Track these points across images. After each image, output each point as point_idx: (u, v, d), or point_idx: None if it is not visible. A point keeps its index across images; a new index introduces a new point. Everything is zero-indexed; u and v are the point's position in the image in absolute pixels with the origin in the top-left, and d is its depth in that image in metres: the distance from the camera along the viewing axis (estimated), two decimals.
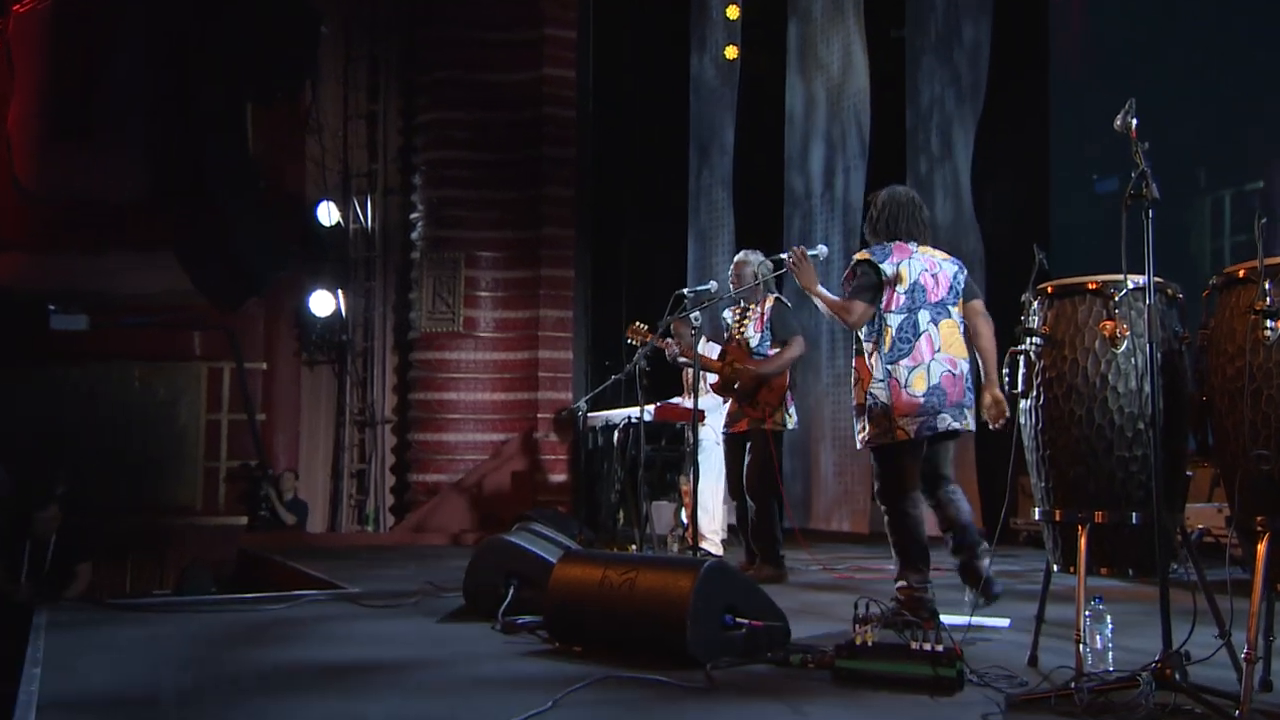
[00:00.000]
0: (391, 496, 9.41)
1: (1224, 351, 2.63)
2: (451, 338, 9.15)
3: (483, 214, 9.21)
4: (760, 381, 4.97)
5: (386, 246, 9.61)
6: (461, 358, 9.17)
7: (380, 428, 9.43)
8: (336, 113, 9.58)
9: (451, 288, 9.12)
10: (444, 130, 9.28)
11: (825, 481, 8.82)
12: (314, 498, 9.19)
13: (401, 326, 9.48)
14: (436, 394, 9.13)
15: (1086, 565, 2.74)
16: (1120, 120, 2.67)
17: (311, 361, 9.46)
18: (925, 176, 8.48)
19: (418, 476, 9.15)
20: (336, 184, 9.51)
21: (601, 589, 3.10)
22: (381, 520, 9.32)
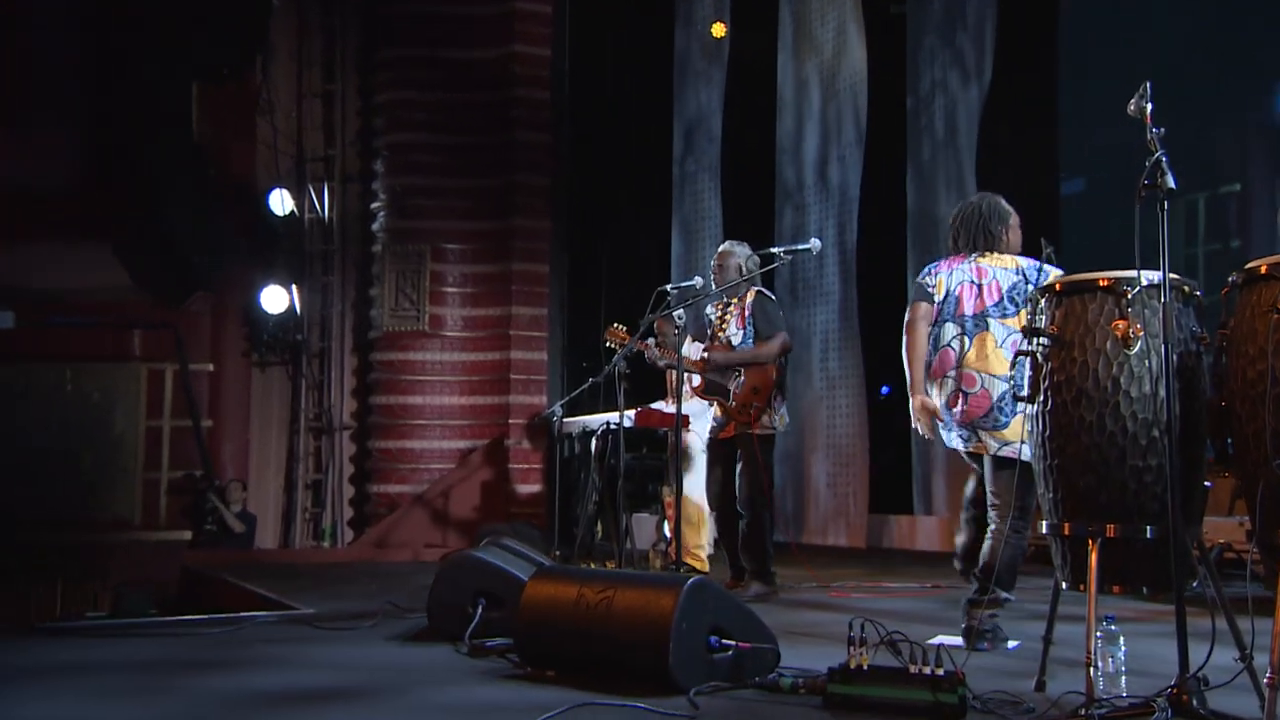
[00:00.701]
0: (350, 509, 9.37)
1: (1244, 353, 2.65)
2: (416, 337, 9.11)
3: (450, 203, 9.18)
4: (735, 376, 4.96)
5: (345, 238, 9.57)
6: (427, 359, 9.14)
7: (338, 435, 9.39)
8: (289, 92, 9.53)
9: (416, 283, 9.09)
10: (407, 112, 9.24)
11: (818, 493, 8.85)
12: (265, 511, 9.13)
13: (361, 325, 9.44)
14: (399, 398, 9.09)
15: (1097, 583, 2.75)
16: (1134, 104, 2.68)
17: (263, 363, 9.40)
18: (926, 164, 8.52)
19: (379, 488, 9.11)
20: (290, 170, 9.46)
21: (577, 609, 3.09)
22: (339, 535, 9.28)
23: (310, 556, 8.34)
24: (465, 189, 9.22)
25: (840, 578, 5.92)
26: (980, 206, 3.82)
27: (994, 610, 3.54)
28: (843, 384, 8.69)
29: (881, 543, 8.53)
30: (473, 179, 9.21)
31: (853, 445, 8.54)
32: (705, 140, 9.38)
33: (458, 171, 9.18)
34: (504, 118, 9.23)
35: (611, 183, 9.70)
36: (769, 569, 4.92)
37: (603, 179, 9.69)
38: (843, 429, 8.67)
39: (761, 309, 5.03)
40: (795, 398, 8.62)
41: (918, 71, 8.61)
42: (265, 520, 9.13)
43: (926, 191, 8.53)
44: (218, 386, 8.72)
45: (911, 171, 8.65)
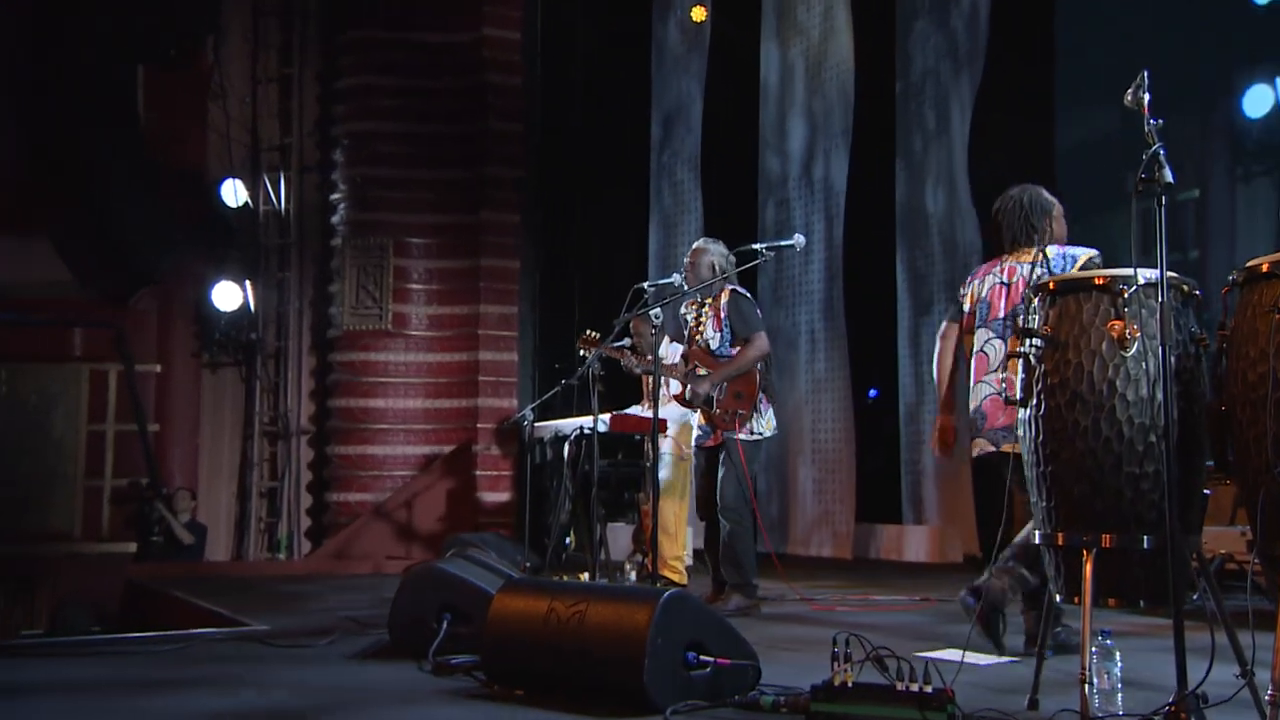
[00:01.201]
0: (307, 519, 9.32)
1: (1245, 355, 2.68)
2: (378, 337, 9.08)
3: (415, 195, 9.15)
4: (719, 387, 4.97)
5: (302, 231, 9.52)
6: (389, 360, 9.11)
7: (295, 440, 9.34)
8: (243, 76, 9.47)
9: (378, 279, 9.05)
10: (369, 98, 9.20)
11: (804, 500, 8.88)
12: (216, 521, 9.08)
13: (320, 324, 9.39)
14: (360, 401, 9.05)
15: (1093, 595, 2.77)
16: (1131, 95, 2.70)
17: (214, 364, 9.34)
18: (917, 157, 8.57)
19: (338, 496, 9.07)
20: (244, 159, 9.40)
21: (547, 623, 3.08)
22: (295, 546, 9.23)
23: (264, 569, 8.31)
24: (431, 180, 9.19)
25: (825, 590, 5.93)
26: (1021, 199, 3.85)
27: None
28: (828, 387, 8.72)
29: (868, 553, 8.57)
30: (439, 169, 9.19)
31: (839, 451, 8.57)
32: (684, 130, 9.39)
33: (423, 161, 9.15)
34: (472, 105, 9.21)
35: (586, 175, 9.70)
36: (751, 581, 4.93)
37: (577, 170, 9.69)
38: (828, 434, 8.70)
39: (737, 309, 5.03)
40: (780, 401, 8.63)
41: (908, 58, 8.65)
42: (216, 531, 9.07)
43: (916, 185, 8.57)
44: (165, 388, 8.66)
45: (901, 164, 8.69)
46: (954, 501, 8.04)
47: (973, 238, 8.05)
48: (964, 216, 8.12)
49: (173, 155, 8.95)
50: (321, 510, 9.20)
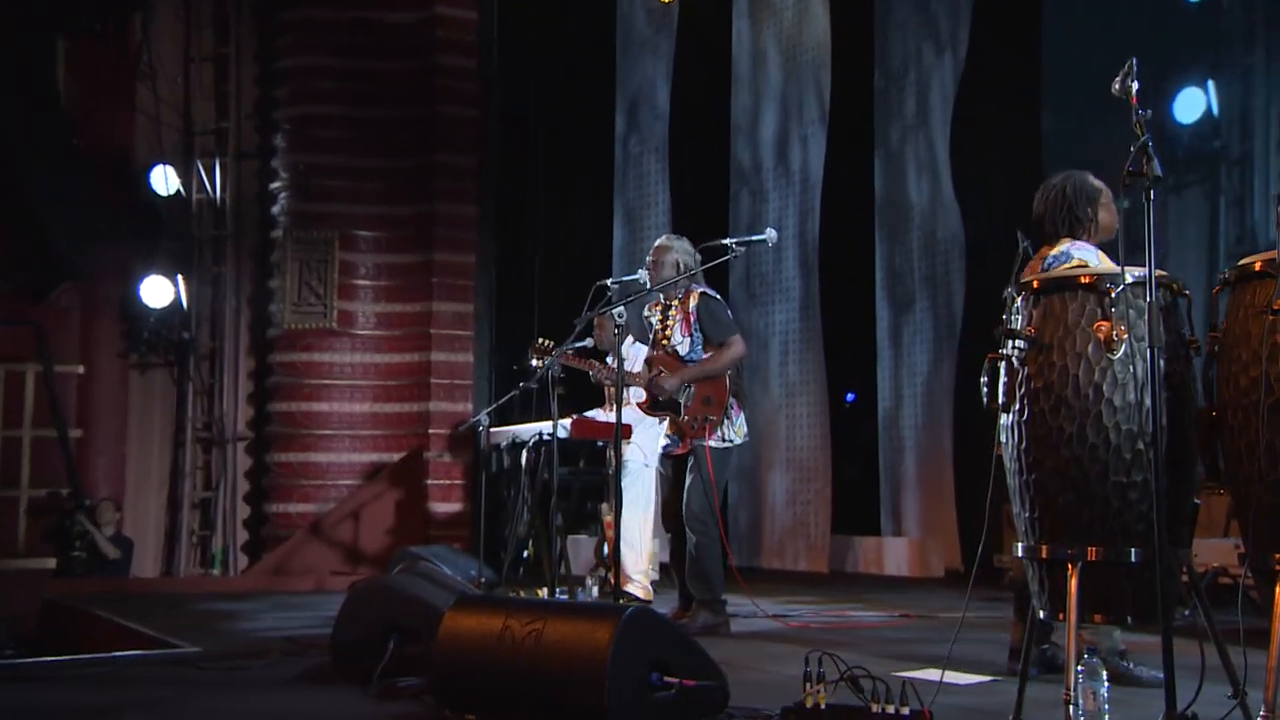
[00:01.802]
0: (244, 532, 9.24)
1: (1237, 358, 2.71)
2: (322, 336, 9.02)
3: (362, 184, 9.10)
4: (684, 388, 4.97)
5: (240, 223, 9.44)
6: (334, 361, 9.05)
7: (231, 447, 9.26)
8: (175, 54, 9.37)
9: (322, 275, 8.99)
10: (313, 80, 9.14)
11: (776, 511, 8.91)
12: (144, 534, 8.99)
13: (259, 322, 9.32)
14: (303, 405, 8.99)
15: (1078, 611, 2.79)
16: (1119, 83, 2.73)
17: (143, 364, 9.25)
18: (896, 147, 8.63)
19: (278, 507, 9.00)
20: (175, 144, 9.31)
21: (501, 643, 3.07)
22: (231, 561, 9.15)
23: (197, 586, 8.24)
24: (379, 169, 9.14)
25: (799, 605, 5.95)
26: (1064, 188, 3.76)
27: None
28: (803, 391, 8.76)
29: (845, 567, 8.61)
30: (388, 157, 9.14)
31: (814, 458, 8.62)
32: (651, 117, 9.40)
33: (371, 149, 9.10)
34: (424, 88, 9.17)
35: (546, 164, 9.68)
36: (719, 597, 4.94)
37: (536, 159, 9.67)
38: (803, 441, 8.74)
39: (708, 311, 5.03)
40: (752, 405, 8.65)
41: (887, 43, 8.71)
42: (144, 545, 8.98)
43: (896, 176, 8.63)
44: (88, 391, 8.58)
45: (880, 154, 8.74)
46: (935, 512, 8.10)
47: (955, 232, 8.12)
48: (946, 209, 8.19)
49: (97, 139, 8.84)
50: (259, 522, 9.13)
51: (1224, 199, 7.61)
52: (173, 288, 9.12)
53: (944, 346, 8.17)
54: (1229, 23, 7.62)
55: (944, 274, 8.23)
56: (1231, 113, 7.58)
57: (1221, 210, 7.61)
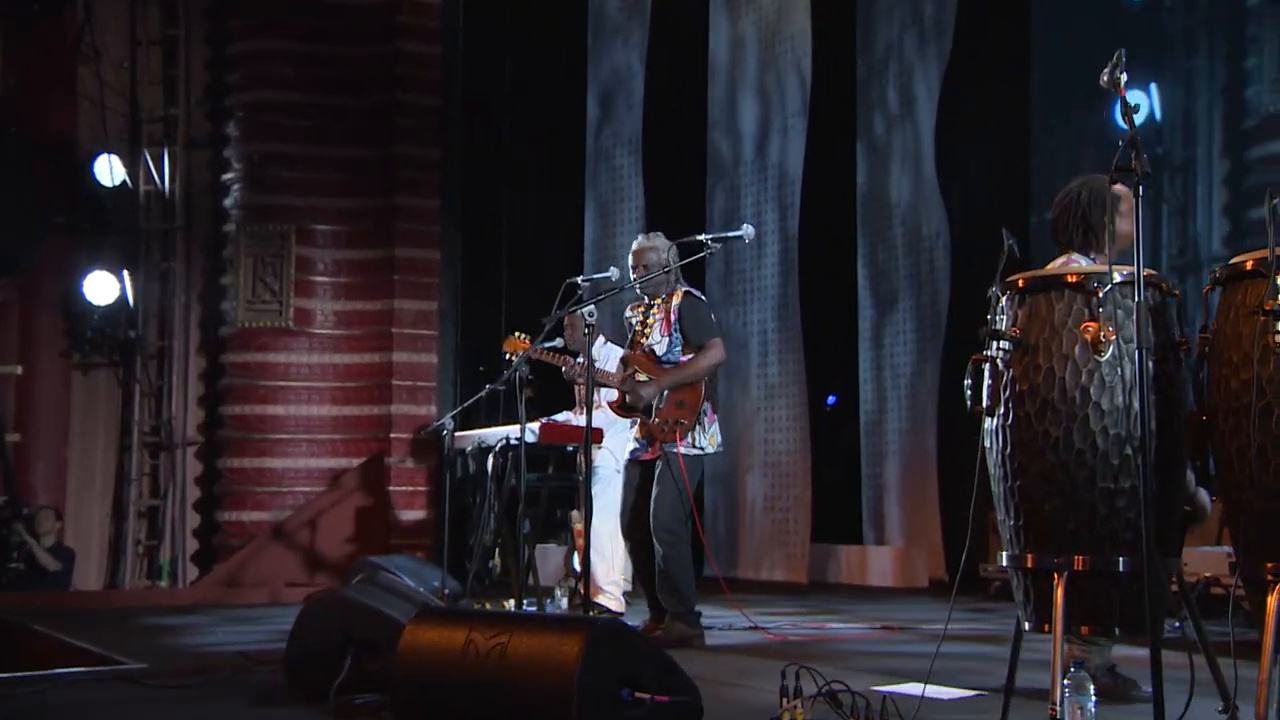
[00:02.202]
0: (194, 541, 9.18)
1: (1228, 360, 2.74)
2: (277, 335, 8.97)
3: (320, 176, 9.06)
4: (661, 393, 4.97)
5: (190, 215, 9.38)
6: (291, 361, 9.01)
7: (180, 452, 9.20)
8: (120, 37, 9.30)
9: (278, 270, 8.94)
10: (268, 65, 9.08)
11: (753, 519, 8.93)
12: (87, 544, 8.92)
13: (210, 320, 9.26)
14: (257, 408, 8.94)
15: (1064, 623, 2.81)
16: (1107, 75, 2.76)
17: (86, 364, 9.17)
18: (880, 140, 8.68)
19: (230, 515, 8.94)
20: (121, 131, 9.24)
21: (465, 657, 3.06)
22: (180, 572, 9.10)
23: (143, 599, 8.16)
24: (338, 159, 9.10)
25: (777, 617, 5.97)
26: (1080, 194, 3.63)
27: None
28: (782, 393, 8.78)
29: (826, 577, 8.64)
30: (347, 147, 9.10)
31: (793, 464, 8.64)
32: (624, 108, 9.40)
33: (329, 138, 9.06)
34: (386, 75, 9.14)
35: (514, 156, 9.67)
36: (692, 608, 4.94)
37: (503, 151, 9.65)
38: (782, 445, 8.77)
39: (691, 311, 5.04)
40: (728, 409, 8.69)
41: (870, 31, 8.76)
42: (87, 555, 8.91)
43: (879, 171, 8.68)
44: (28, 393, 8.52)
45: (862, 148, 8.78)
46: (920, 520, 8.14)
47: (939, 229, 8.17)
48: (931, 204, 8.23)
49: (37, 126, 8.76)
50: (210, 531, 9.07)
51: (1166, 208, 7.69)
52: (118, 283, 9.05)
53: (928, 347, 8.21)
54: (1172, 24, 7.71)
55: (928, 271, 8.28)
56: (1174, 118, 7.65)
57: (1164, 220, 7.69)
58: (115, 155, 9.17)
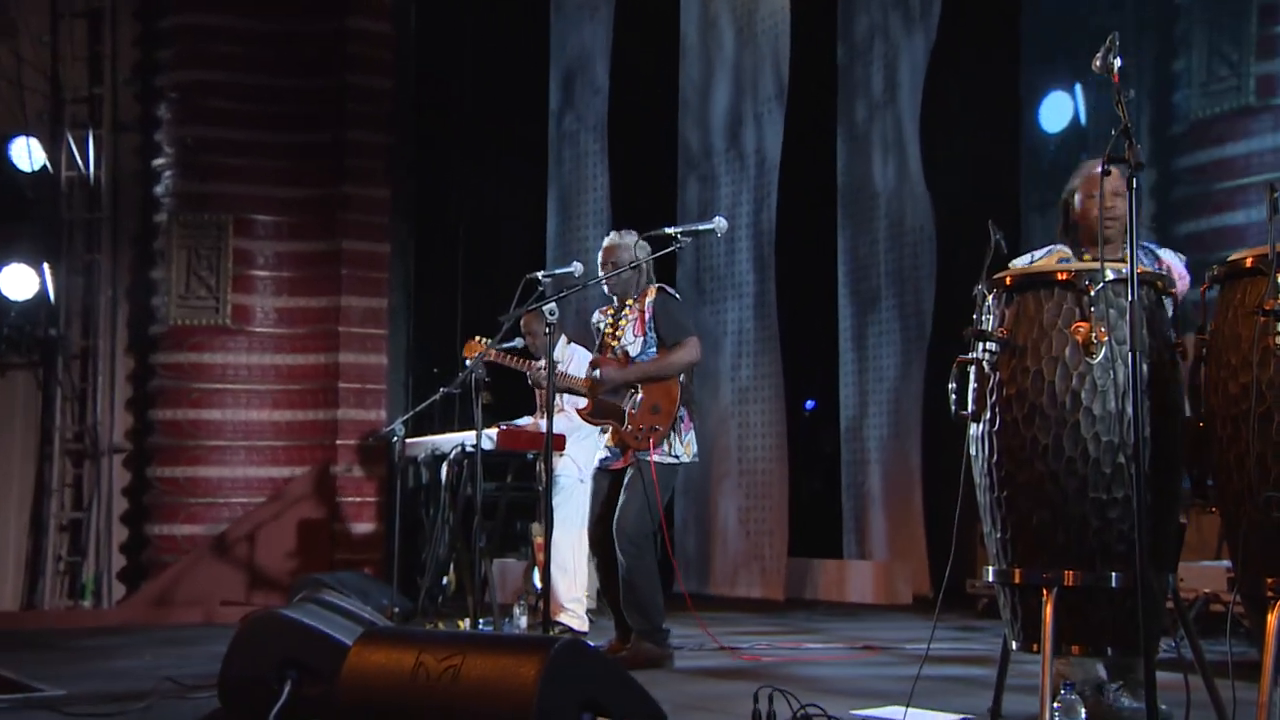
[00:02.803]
0: (121, 557, 9.09)
1: (1226, 363, 2.78)
2: (214, 334, 8.90)
3: (260, 162, 8.99)
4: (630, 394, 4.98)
5: (117, 204, 9.27)
6: (228, 362, 8.94)
7: (106, 460, 9.09)
8: (39, 8, 9.18)
9: (214, 264, 8.87)
10: (203, 42, 9.01)
11: (727, 532, 8.95)
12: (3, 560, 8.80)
13: (140, 317, 9.17)
14: (191, 412, 8.87)
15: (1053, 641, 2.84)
16: (1100, 60, 2.78)
17: (2, 365, 9.06)
18: (862, 127, 8.73)
19: (161, 528, 8.86)
20: (41, 112, 9.12)
21: (415, 680, 3.05)
22: (105, 591, 8.99)
23: (64, 620, 8.09)
24: (280, 144, 9.03)
25: (751, 637, 5.99)
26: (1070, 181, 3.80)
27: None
28: (757, 396, 8.81)
29: (803, 593, 8.68)
30: (290, 132, 9.04)
31: (770, 473, 8.67)
32: (589, 91, 9.41)
33: (270, 122, 8.99)
34: (332, 54, 9.08)
35: (471, 142, 9.64)
36: (660, 626, 4.96)
37: (460, 137, 9.62)
38: (757, 453, 8.80)
39: (665, 311, 5.06)
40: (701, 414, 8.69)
41: (852, 13, 8.81)
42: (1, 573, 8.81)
43: (861, 160, 8.73)
44: None
45: (843, 135, 8.83)
46: (903, 533, 8.20)
47: (925, 222, 8.23)
48: (916, 197, 8.29)
49: None
50: (139, 546, 8.98)
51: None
52: (38, 277, 8.93)
53: (913, 348, 8.27)
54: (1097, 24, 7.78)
55: (913, 268, 8.33)
56: (1100, 121, 7.71)
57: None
58: (34, 138, 9.04)
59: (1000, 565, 2.99)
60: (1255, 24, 7.24)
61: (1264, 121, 7.22)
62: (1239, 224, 7.04)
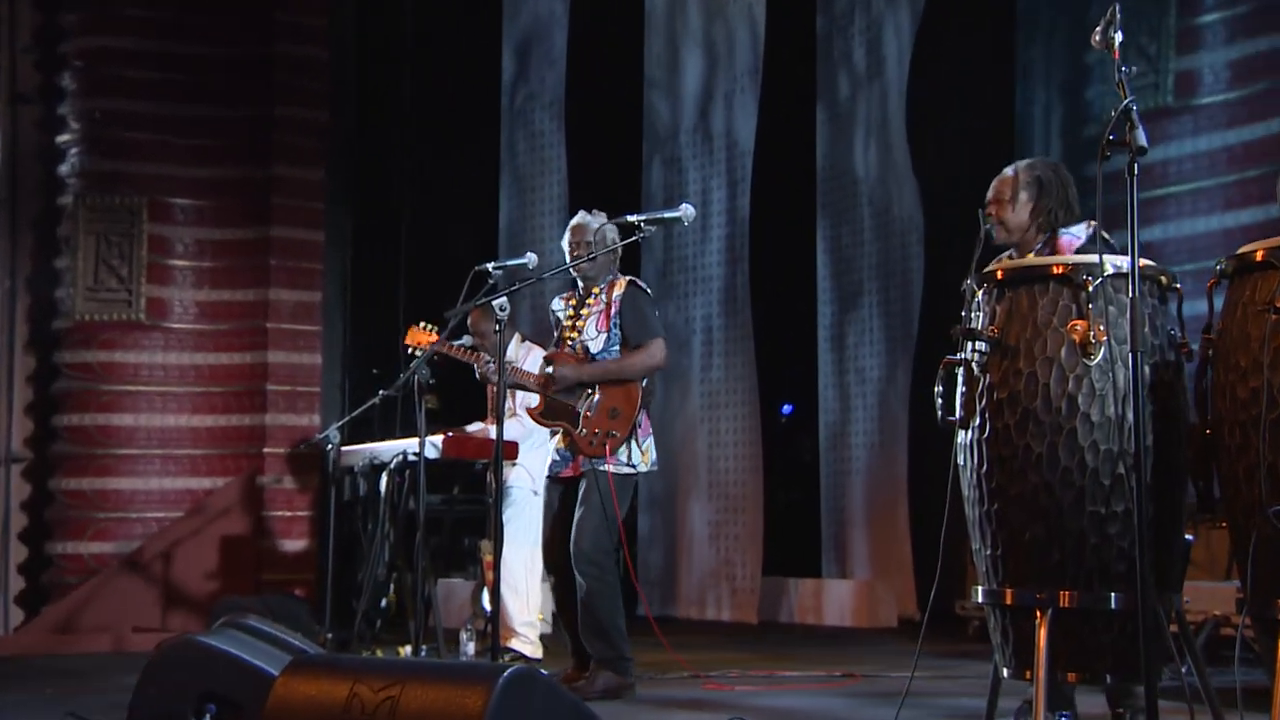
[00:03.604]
0: (19, 578, 8.99)
1: (1235, 365, 2.81)
2: (126, 330, 8.83)
3: (178, 139, 8.93)
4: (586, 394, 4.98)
5: (16, 185, 9.18)
6: (142, 361, 8.87)
7: (3, 470, 9.00)
8: None
9: (126, 252, 8.80)
10: (112, 5, 8.93)
11: (695, 548, 8.97)
12: None
13: (42, 311, 9.09)
14: (100, 418, 8.79)
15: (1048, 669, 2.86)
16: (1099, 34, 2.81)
17: None
18: (844, 105, 8.77)
19: (65, 546, 8.78)
20: None
21: (348, 714, 3.03)
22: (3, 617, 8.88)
23: None
24: (202, 120, 8.97)
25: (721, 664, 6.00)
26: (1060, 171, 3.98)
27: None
28: (729, 400, 8.83)
29: (779, 616, 8.71)
30: (213, 106, 8.97)
31: (742, 484, 8.70)
32: (545, 64, 9.40)
33: (190, 94, 8.92)
34: (261, 21, 9.02)
35: (415, 120, 9.61)
36: (623, 654, 4.96)
37: (401, 114, 9.59)
38: (729, 462, 8.81)
39: (633, 304, 5.06)
40: (667, 419, 8.72)
41: None
42: None
43: (842, 141, 8.77)
44: None
45: (823, 114, 8.86)
46: (888, 550, 8.24)
47: (912, 210, 8.27)
48: (901, 183, 8.33)
49: None
50: (41, 566, 8.89)
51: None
52: None
53: (898, 349, 8.31)
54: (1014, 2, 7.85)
55: (899, 260, 8.38)
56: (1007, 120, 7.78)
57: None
58: None
59: (990, 585, 3.01)
60: (1174, 15, 7.08)
61: (1184, 124, 7.06)
62: (1156, 239, 6.88)
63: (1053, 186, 3.99)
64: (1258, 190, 6.75)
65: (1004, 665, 3.03)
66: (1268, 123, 6.83)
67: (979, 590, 3.06)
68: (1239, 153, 6.92)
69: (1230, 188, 6.94)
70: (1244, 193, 6.86)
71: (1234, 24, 6.98)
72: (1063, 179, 3.91)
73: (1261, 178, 6.74)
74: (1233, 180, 6.94)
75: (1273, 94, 6.81)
